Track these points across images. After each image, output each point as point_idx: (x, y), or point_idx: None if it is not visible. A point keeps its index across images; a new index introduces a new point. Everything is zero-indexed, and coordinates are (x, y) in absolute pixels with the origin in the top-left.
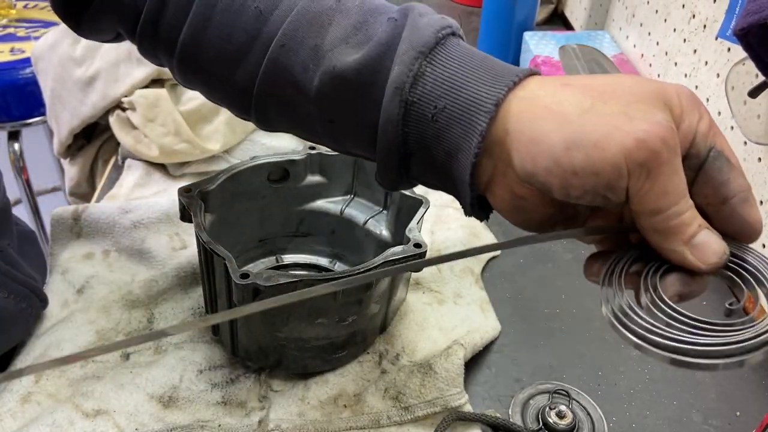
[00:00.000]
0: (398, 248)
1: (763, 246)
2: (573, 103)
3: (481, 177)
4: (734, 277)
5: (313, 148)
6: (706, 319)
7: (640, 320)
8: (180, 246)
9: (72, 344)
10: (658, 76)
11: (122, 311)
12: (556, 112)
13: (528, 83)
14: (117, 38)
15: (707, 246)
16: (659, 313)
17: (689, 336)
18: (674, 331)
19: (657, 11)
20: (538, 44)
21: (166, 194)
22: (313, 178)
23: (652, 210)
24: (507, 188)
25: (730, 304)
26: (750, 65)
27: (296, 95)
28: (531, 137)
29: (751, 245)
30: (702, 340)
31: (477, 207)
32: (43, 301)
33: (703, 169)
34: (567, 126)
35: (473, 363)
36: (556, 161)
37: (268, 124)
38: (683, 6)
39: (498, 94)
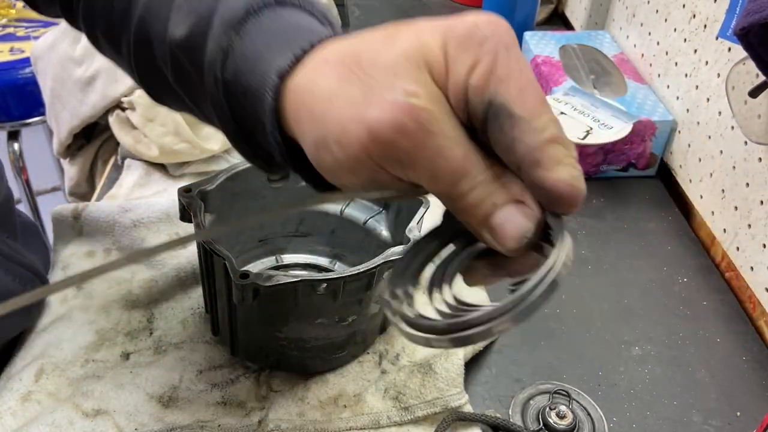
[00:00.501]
0: (398, 248)
1: (764, 246)
2: (323, 87)
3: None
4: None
5: None
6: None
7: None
8: (180, 246)
9: (72, 344)
10: (658, 76)
11: (122, 311)
12: (309, 104)
13: (315, 53)
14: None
15: (502, 228)
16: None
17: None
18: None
19: (657, 11)
20: (539, 44)
21: (165, 194)
22: None
23: (436, 193)
24: None
25: (513, 286)
26: (750, 65)
27: (161, 67)
28: (296, 133)
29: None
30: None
31: (312, 182)
32: None
33: (487, 130)
34: (315, 122)
35: (473, 363)
36: (315, 161)
37: (154, 95)
38: (684, 6)
39: (282, 64)
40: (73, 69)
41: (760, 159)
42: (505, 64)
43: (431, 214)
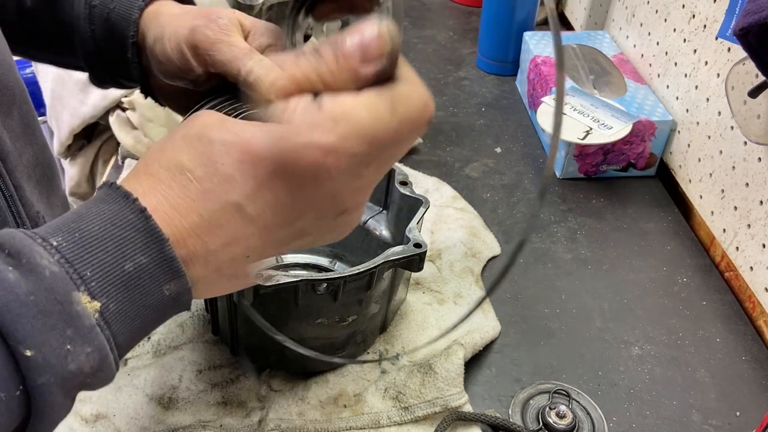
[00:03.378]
0: (398, 248)
1: (763, 246)
2: (170, 10)
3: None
4: None
5: None
6: None
7: None
8: None
9: None
10: (658, 76)
11: None
12: (159, 18)
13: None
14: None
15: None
16: None
17: None
18: None
19: (657, 11)
20: (538, 44)
21: None
22: None
23: (232, 71)
24: (148, 61)
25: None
26: (750, 65)
27: (17, 8)
28: (147, 33)
29: None
30: None
31: (144, 86)
32: None
33: None
34: (159, 27)
35: (473, 363)
36: (151, 52)
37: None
38: (683, 6)
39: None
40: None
41: (759, 159)
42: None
43: (431, 215)
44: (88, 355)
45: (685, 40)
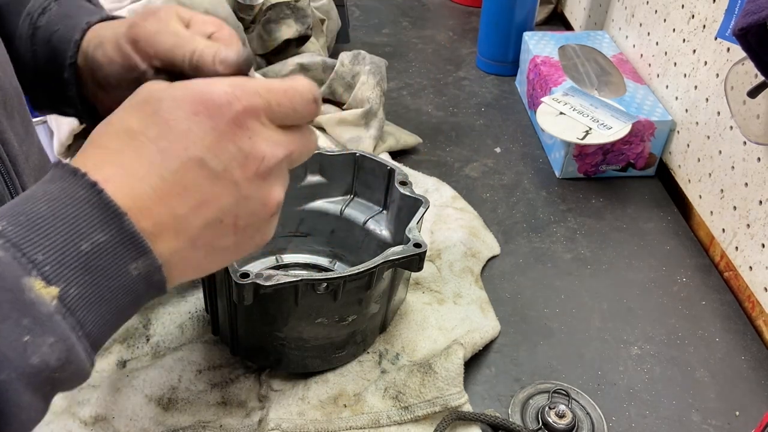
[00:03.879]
0: (398, 248)
1: (763, 246)
2: (111, 26)
3: (81, 83)
4: None
5: None
6: None
7: None
8: None
9: None
10: (657, 76)
11: None
12: (98, 34)
13: (102, 23)
14: None
15: (227, 56)
16: None
17: None
18: None
19: (656, 11)
20: (538, 44)
21: None
22: (313, 178)
23: (176, 58)
24: (92, 84)
25: None
26: (749, 65)
27: None
28: (88, 47)
29: None
30: None
31: (85, 112)
32: None
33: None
34: (98, 37)
35: (473, 363)
36: (92, 59)
37: None
38: (682, 6)
39: (91, 20)
40: None
41: (758, 159)
42: (232, 38)
43: (431, 215)
44: (52, 346)
45: (684, 40)
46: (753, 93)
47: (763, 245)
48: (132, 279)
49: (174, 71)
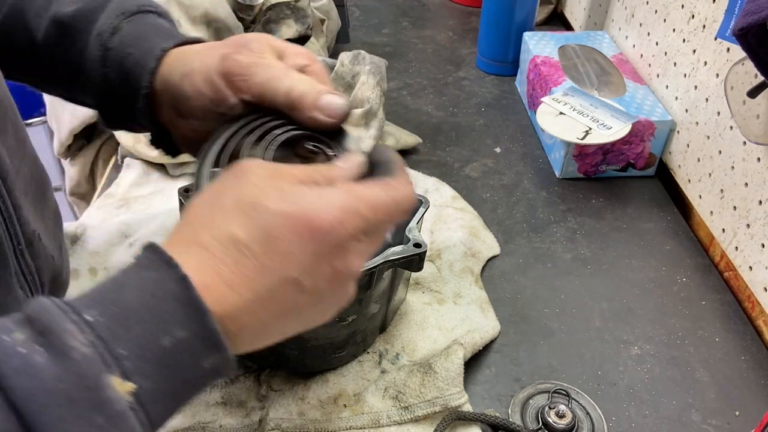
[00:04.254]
0: (398, 248)
1: (763, 246)
2: (194, 49)
3: (156, 107)
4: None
5: None
6: None
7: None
8: None
9: None
10: (657, 76)
11: None
12: (182, 58)
13: (180, 47)
14: None
15: (329, 105)
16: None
17: None
18: None
19: (656, 11)
20: (538, 44)
21: (163, 194)
22: None
23: (272, 93)
24: (170, 110)
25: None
26: (749, 65)
27: (28, 41)
28: (170, 74)
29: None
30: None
31: (159, 139)
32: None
33: None
34: (184, 64)
35: (473, 363)
36: (179, 91)
37: (5, 69)
38: (682, 6)
39: (167, 45)
40: None
41: (758, 159)
42: (324, 73)
43: (431, 215)
44: None
45: (684, 40)
46: (753, 93)
47: (763, 245)
48: (203, 372)
49: (266, 106)
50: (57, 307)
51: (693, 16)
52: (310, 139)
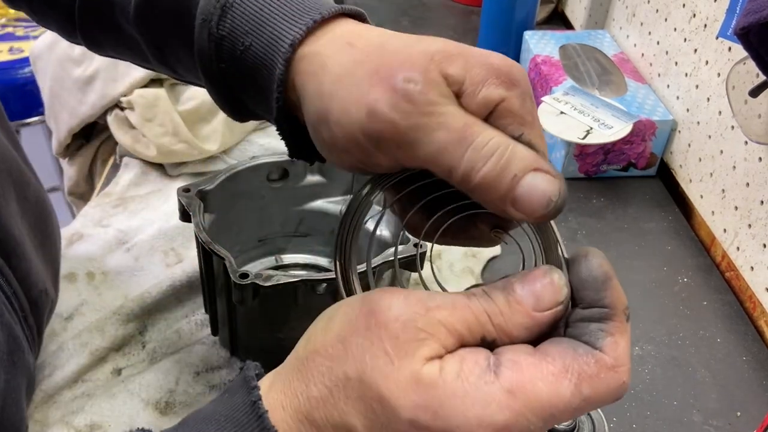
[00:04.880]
0: (400, 248)
1: (764, 246)
2: (338, 66)
3: (293, 111)
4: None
5: None
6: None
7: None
8: (175, 261)
9: (63, 370)
10: (659, 75)
11: (116, 326)
12: (320, 77)
13: (329, 28)
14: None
15: (529, 197)
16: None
17: None
18: None
19: (657, 10)
20: (538, 44)
21: (161, 193)
22: (313, 178)
23: (448, 171)
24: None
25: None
26: (751, 65)
27: (116, 16)
28: (303, 100)
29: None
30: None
31: (298, 147)
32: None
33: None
34: (321, 97)
35: None
36: (312, 133)
37: (98, 46)
38: (684, 5)
39: (296, 34)
40: (72, 69)
41: (760, 159)
42: (530, 110)
43: None
44: None
45: (685, 40)
46: (754, 92)
47: (765, 245)
48: None
49: (437, 178)
50: None
51: (694, 15)
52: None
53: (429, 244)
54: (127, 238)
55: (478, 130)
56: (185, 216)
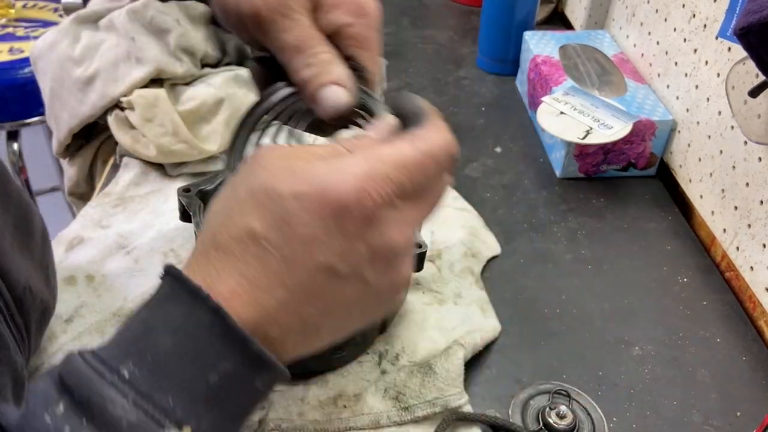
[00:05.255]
0: None
1: (764, 246)
2: None
3: None
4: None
5: None
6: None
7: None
8: (175, 262)
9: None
10: (658, 75)
11: (116, 328)
12: None
13: None
14: None
15: (323, 101)
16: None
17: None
18: None
19: (657, 11)
20: (538, 44)
21: (160, 193)
22: None
23: (283, 62)
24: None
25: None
26: (750, 65)
27: None
28: None
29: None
30: None
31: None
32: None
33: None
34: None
35: (473, 363)
36: (220, 10)
37: None
38: (683, 5)
39: None
40: (72, 69)
41: (760, 159)
42: (370, 37)
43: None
44: None
45: (685, 40)
46: (754, 92)
47: (765, 245)
48: (257, 391)
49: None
50: (91, 370)
51: (694, 16)
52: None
53: (429, 245)
54: (127, 240)
55: (313, 44)
56: (185, 216)
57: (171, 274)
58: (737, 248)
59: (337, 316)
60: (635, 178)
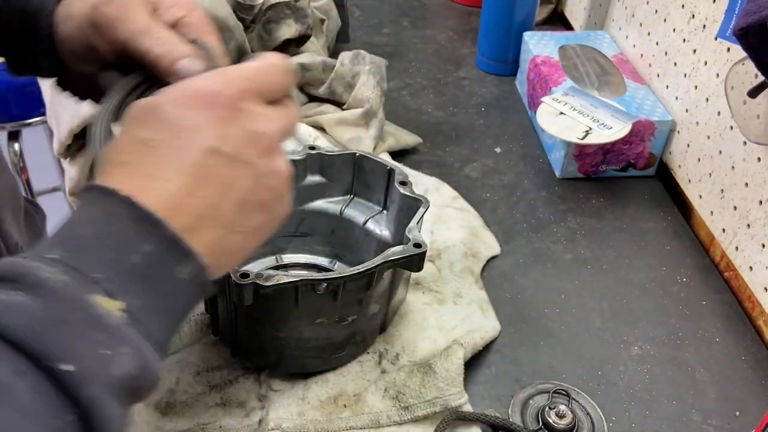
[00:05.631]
0: (398, 248)
1: (763, 246)
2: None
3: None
4: None
5: (312, 147)
6: None
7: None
8: None
9: None
10: (658, 76)
11: None
12: (68, 8)
13: None
14: None
15: (181, 72)
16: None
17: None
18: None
19: (656, 11)
20: (538, 44)
21: None
22: (313, 178)
23: (134, 52)
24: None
25: None
26: (749, 65)
27: None
28: (55, 21)
29: None
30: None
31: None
32: None
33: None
34: (67, 11)
35: (473, 363)
36: (61, 30)
37: None
38: (683, 6)
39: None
40: None
41: (758, 159)
42: (204, 23)
43: (431, 215)
44: (129, 356)
45: (684, 40)
46: (753, 93)
47: (764, 245)
48: (181, 282)
49: (133, 63)
50: (21, 257)
51: (693, 16)
52: None
53: (429, 245)
54: None
55: (158, 30)
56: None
57: (83, 189)
58: (736, 248)
59: (237, 202)
60: (634, 178)
